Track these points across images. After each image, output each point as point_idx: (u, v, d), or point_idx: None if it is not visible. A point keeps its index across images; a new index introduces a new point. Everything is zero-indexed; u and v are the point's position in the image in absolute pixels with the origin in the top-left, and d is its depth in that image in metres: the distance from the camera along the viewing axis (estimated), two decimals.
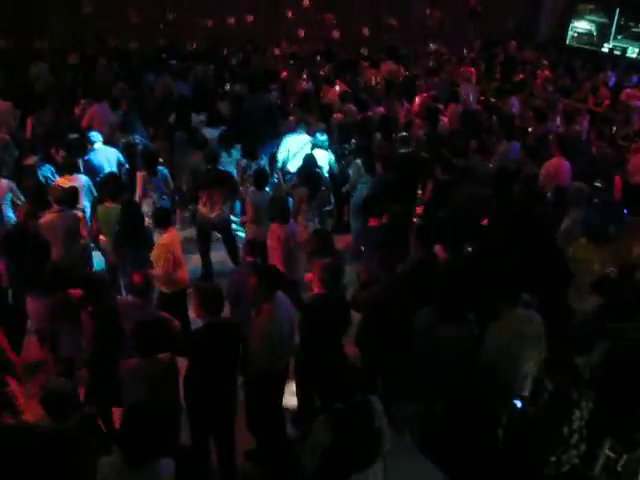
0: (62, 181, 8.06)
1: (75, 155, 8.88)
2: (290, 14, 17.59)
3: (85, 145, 9.27)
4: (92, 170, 8.91)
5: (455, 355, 5.20)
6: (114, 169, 9.06)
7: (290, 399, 6.16)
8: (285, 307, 5.57)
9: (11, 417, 4.97)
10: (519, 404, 5.11)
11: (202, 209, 8.47)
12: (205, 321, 5.25)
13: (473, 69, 15.56)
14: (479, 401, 5.16)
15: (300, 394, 6.07)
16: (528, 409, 4.91)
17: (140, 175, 8.54)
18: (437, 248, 6.62)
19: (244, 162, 9.14)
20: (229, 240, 8.81)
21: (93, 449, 4.50)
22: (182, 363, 5.32)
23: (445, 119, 11.30)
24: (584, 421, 4.73)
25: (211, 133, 10.04)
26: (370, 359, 5.83)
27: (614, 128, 12.07)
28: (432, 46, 18.44)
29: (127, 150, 9.64)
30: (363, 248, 7.75)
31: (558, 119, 12.40)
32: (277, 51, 16.48)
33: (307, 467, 4.23)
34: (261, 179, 8.25)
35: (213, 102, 11.60)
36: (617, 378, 4.97)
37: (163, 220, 7.01)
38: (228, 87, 13.02)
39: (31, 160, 9.12)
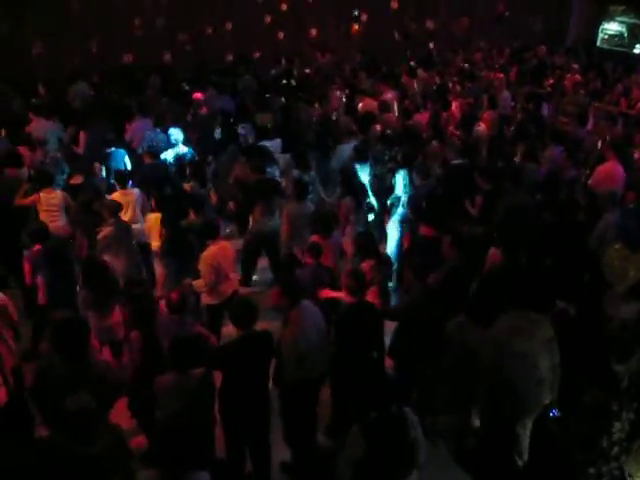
0: (117, 195, 8.22)
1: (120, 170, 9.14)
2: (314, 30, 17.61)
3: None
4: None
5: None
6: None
7: (325, 409, 6.15)
8: (313, 315, 5.58)
9: None
10: (555, 413, 5.05)
11: (260, 219, 8.50)
12: (238, 334, 5.26)
13: (502, 75, 15.47)
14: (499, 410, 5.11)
15: (335, 404, 6.07)
16: (567, 419, 4.85)
17: (188, 186, 8.68)
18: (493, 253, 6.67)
19: (296, 173, 9.06)
20: (276, 251, 8.66)
21: (126, 470, 4.51)
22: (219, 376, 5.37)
23: (483, 125, 11.19)
24: (625, 433, 4.66)
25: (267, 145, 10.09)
26: (405, 369, 5.81)
27: None
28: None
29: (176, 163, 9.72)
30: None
31: (590, 123, 12.30)
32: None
33: (342, 478, 4.23)
34: (302, 190, 8.18)
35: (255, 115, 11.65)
36: None
37: (210, 232, 7.05)
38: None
39: (78, 179, 9.28)
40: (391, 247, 8.64)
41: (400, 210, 8.58)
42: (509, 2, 19.65)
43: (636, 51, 20.06)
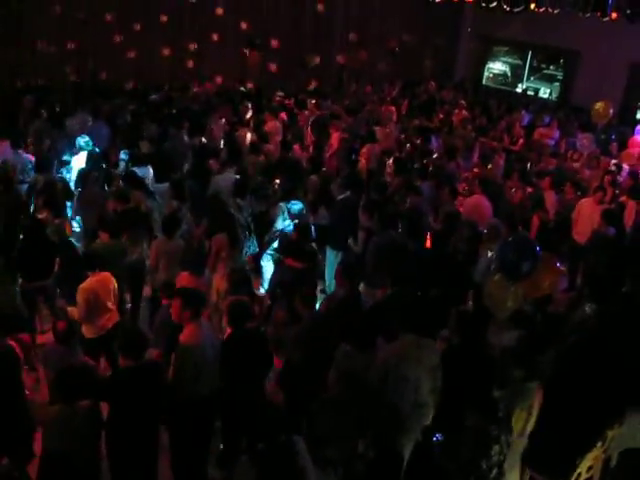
0: None
1: None
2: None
3: None
4: None
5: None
6: None
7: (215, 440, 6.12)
8: (208, 332, 5.64)
9: None
10: (438, 437, 5.22)
11: None
12: (126, 364, 5.19)
13: (394, 108, 15.97)
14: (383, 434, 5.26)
15: (224, 434, 6.05)
16: (450, 443, 5.03)
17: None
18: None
19: (175, 203, 8.86)
20: (138, 285, 8.42)
21: None
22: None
23: (362, 159, 11.40)
24: (503, 455, 4.88)
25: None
26: (294, 399, 5.86)
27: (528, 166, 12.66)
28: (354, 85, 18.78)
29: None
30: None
31: (475, 157, 12.89)
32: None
33: None
34: (172, 225, 7.83)
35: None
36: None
37: (89, 263, 6.85)
38: None
39: None
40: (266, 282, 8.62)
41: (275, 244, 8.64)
42: (401, 38, 20.31)
43: (518, 90, 21.20)
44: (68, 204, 9.44)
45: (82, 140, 10.33)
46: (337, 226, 8.91)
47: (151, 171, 9.99)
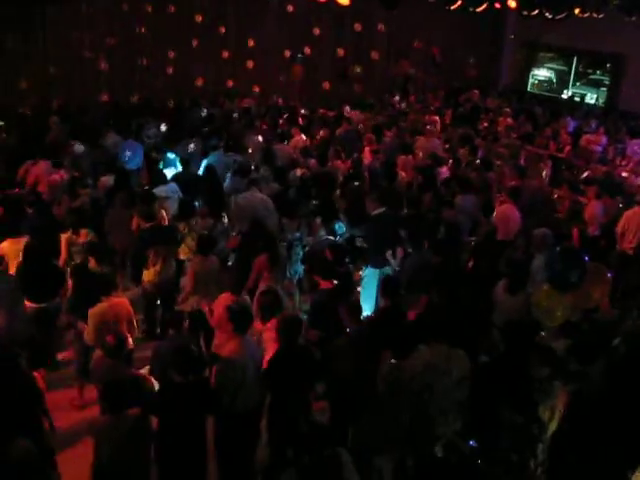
0: (6, 245, 7.80)
1: None
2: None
3: None
4: None
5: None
6: None
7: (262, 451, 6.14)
8: (251, 348, 5.69)
9: None
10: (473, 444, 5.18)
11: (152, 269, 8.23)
12: (176, 380, 5.26)
13: (437, 117, 15.91)
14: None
15: (271, 446, 6.06)
16: (487, 446, 4.98)
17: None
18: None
19: (210, 222, 8.97)
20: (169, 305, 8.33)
21: None
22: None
23: (403, 173, 11.15)
24: (546, 453, 4.84)
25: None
26: (340, 411, 5.87)
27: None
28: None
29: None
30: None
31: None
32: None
33: None
34: (207, 244, 7.75)
35: None
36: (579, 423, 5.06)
37: (104, 286, 6.71)
38: None
39: None
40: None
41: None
42: (444, 46, 20.27)
43: (564, 96, 20.93)
44: None
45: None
46: (371, 243, 8.66)
47: (174, 187, 9.91)
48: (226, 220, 9.36)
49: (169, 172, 11.08)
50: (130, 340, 6.52)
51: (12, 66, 14.77)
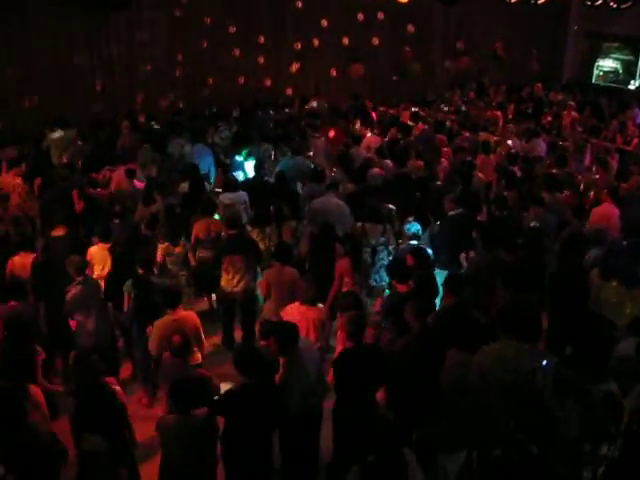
0: (96, 249, 8.13)
1: None
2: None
3: None
4: None
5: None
6: None
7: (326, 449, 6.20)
8: (310, 353, 5.74)
9: None
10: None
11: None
12: (243, 382, 5.34)
13: (500, 112, 15.68)
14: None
15: (335, 444, 6.08)
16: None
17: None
18: None
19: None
20: (249, 316, 8.38)
21: None
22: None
23: (480, 173, 10.87)
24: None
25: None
26: (405, 410, 5.86)
27: None
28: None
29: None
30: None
31: (588, 160, 12.44)
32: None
33: None
34: (284, 253, 7.71)
35: None
36: None
37: (170, 299, 6.73)
38: None
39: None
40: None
41: None
42: (505, 40, 19.93)
43: (631, 87, 20.33)
44: None
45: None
46: (445, 244, 8.49)
47: (243, 195, 9.89)
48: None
49: (239, 175, 11.22)
50: (199, 355, 6.66)
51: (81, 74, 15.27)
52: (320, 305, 6.85)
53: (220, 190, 10.29)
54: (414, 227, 8.20)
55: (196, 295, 9.06)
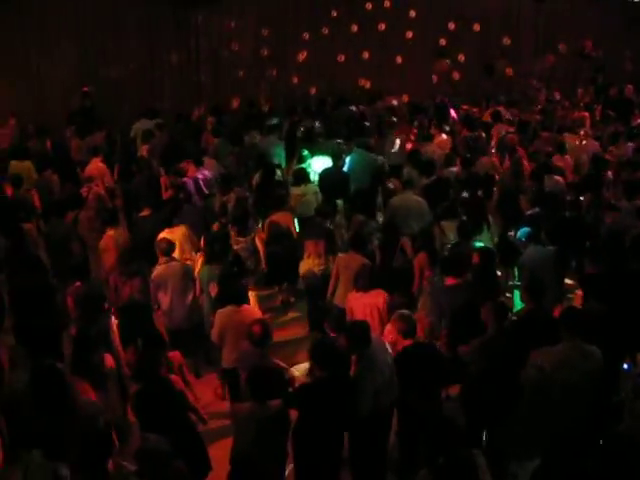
0: (165, 233, 8.34)
1: None
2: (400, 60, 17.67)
3: None
4: None
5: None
6: None
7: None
8: (382, 351, 5.71)
9: None
10: None
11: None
12: (319, 376, 5.39)
13: (587, 113, 15.22)
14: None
15: (402, 446, 6.11)
16: None
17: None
18: None
19: (361, 217, 9.02)
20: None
21: None
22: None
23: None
24: None
25: None
26: (476, 411, 5.81)
27: None
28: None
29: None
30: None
31: None
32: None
33: None
34: (358, 241, 7.96)
35: None
36: None
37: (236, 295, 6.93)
38: None
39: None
40: None
41: None
42: (594, 38, 19.32)
43: None
44: None
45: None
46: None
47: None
48: (380, 219, 9.43)
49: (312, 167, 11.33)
50: None
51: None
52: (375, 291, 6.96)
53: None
54: (523, 231, 8.17)
55: (267, 285, 9.27)
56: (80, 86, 15.15)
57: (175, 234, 8.30)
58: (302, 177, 10.28)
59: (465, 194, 9.47)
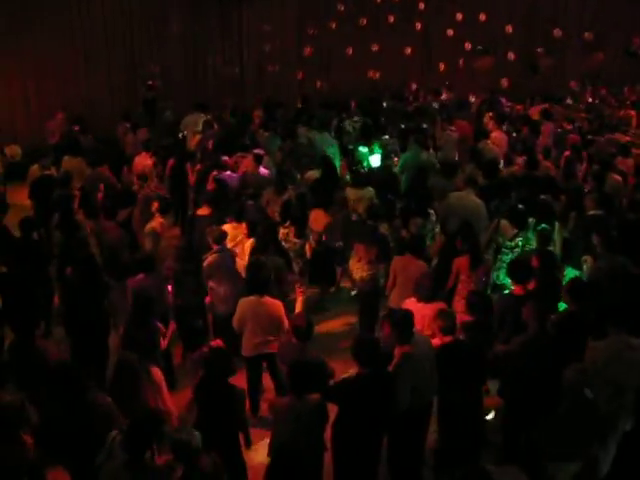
0: (228, 227, 8.43)
1: None
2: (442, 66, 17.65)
3: None
4: None
5: None
6: None
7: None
8: (424, 346, 5.74)
9: None
10: None
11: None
12: (359, 372, 5.40)
13: (633, 112, 15.02)
14: None
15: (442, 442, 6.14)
16: None
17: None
18: None
19: (419, 221, 8.76)
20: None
21: None
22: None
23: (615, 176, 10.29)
24: None
25: None
26: (515, 411, 5.85)
27: None
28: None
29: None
30: None
31: None
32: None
33: None
34: (415, 244, 7.80)
35: None
36: None
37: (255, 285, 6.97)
38: None
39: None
40: None
41: None
42: None
43: None
44: None
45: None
46: (577, 243, 8.29)
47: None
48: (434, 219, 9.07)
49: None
50: (276, 344, 6.76)
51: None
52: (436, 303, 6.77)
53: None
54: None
55: (311, 284, 9.26)
56: (126, 84, 15.63)
57: (238, 230, 8.44)
58: (361, 180, 10.06)
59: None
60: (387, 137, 12.41)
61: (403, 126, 13.26)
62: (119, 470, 4.56)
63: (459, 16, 16.46)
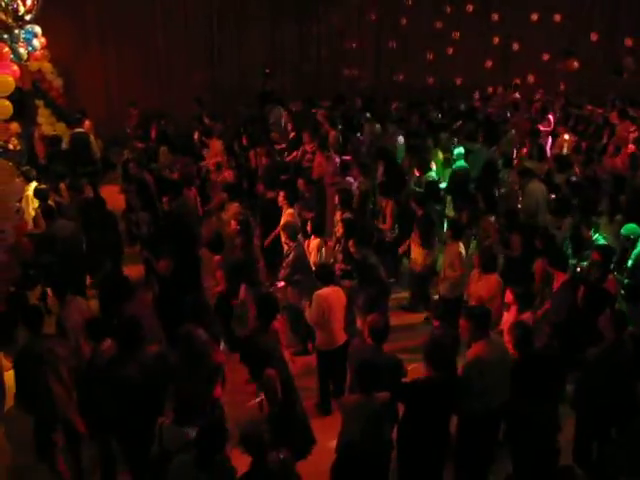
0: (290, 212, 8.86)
1: None
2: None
3: None
4: None
5: None
6: None
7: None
8: (499, 348, 5.67)
9: None
10: None
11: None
12: (429, 374, 5.38)
13: None
14: None
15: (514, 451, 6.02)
16: None
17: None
18: None
19: None
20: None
21: None
22: None
23: None
24: None
25: None
26: (588, 423, 5.71)
27: None
28: None
29: None
30: None
31: None
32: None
33: None
34: (457, 229, 8.24)
35: None
36: None
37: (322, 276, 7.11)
38: None
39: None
40: None
41: None
42: None
43: None
44: None
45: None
46: None
47: None
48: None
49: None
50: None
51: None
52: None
53: None
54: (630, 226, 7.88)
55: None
56: (203, 76, 16.36)
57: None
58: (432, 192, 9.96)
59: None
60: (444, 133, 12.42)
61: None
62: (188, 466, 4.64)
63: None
